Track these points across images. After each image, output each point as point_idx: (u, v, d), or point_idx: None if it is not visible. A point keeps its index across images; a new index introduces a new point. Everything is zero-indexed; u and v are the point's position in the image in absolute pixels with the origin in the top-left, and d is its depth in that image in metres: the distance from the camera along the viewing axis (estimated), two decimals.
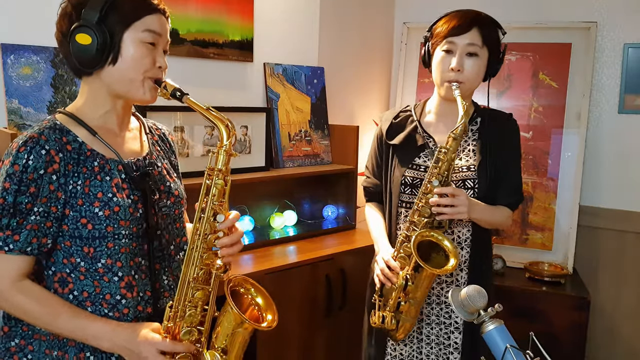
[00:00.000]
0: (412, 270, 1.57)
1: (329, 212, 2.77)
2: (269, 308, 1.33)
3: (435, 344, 1.74)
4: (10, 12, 1.84)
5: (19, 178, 1.09)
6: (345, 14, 2.98)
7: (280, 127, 2.62)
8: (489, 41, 1.67)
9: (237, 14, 2.46)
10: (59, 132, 1.16)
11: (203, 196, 1.22)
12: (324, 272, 2.27)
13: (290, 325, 2.17)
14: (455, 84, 1.63)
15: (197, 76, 2.37)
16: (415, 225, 1.62)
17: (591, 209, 2.80)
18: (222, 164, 1.22)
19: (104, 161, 1.19)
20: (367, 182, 1.91)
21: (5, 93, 1.80)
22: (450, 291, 1.24)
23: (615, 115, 2.77)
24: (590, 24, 2.73)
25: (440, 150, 1.59)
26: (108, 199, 1.16)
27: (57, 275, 1.17)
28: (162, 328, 1.20)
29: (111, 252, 1.18)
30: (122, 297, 1.19)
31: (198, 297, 1.23)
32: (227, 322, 1.27)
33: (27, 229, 1.11)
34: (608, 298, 2.83)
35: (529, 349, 1.10)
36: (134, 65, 1.18)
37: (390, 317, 1.60)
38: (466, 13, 1.68)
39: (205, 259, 1.22)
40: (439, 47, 1.68)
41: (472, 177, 1.68)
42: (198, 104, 1.22)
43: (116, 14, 1.15)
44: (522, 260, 2.78)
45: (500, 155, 1.70)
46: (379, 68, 3.25)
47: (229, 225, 1.23)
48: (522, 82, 2.83)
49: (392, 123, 1.81)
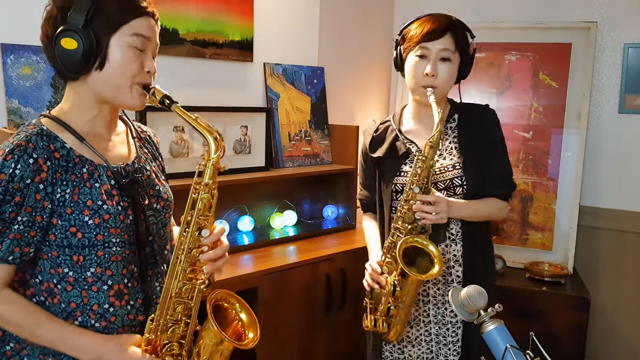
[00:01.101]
0: (399, 276, 1.60)
1: (329, 212, 2.77)
2: (251, 325, 1.31)
3: (435, 342, 1.75)
4: (10, 12, 1.84)
5: (5, 187, 1.06)
6: (345, 13, 2.98)
7: (280, 127, 2.62)
8: (461, 46, 1.69)
9: (237, 14, 2.46)
10: (46, 138, 1.12)
11: (188, 209, 1.19)
12: (324, 272, 2.27)
13: (290, 325, 2.17)
14: (429, 90, 1.65)
15: (197, 76, 2.37)
16: (400, 231, 1.64)
17: (591, 209, 2.80)
18: (208, 178, 1.18)
19: (92, 167, 1.16)
20: (361, 194, 1.96)
21: (5, 93, 1.80)
22: (450, 291, 1.24)
23: (615, 115, 2.77)
24: (590, 24, 2.73)
25: (419, 158, 1.62)
26: (98, 207, 1.14)
27: (44, 285, 1.15)
28: (143, 340, 1.18)
29: (101, 260, 1.15)
30: (111, 305, 1.17)
31: (179, 311, 1.20)
32: (208, 337, 1.24)
33: (9, 238, 1.08)
34: (608, 298, 2.83)
35: (529, 349, 1.10)
36: (121, 71, 1.14)
37: (382, 321, 1.64)
38: (439, 18, 1.70)
39: (189, 273, 1.20)
40: (412, 52, 1.70)
41: (459, 175, 1.69)
42: (187, 114, 1.18)
43: (103, 17, 1.11)
44: (522, 260, 2.78)
45: (483, 148, 1.72)
46: (379, 68, 3.25)
47: (213, 240, 1.20)
48: (522, 82, 2.83)
49: (374, 136, 1.85)
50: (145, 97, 1.19)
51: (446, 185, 1.69)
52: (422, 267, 1.62)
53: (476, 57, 1.90)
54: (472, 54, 1.74)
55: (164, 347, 1.20)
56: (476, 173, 1.69)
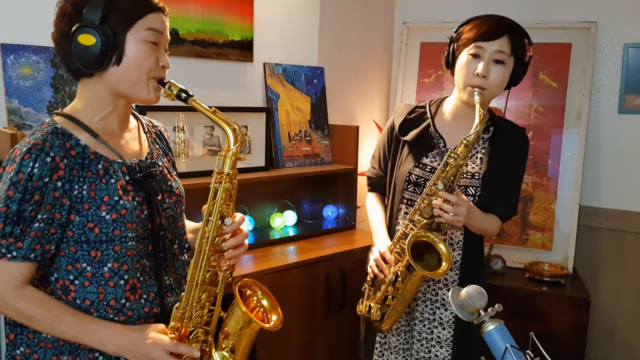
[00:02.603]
0: (404, 268, 1.58)
1: (329, 212, 2.77)
2: (273, 310, 1.35)
3: (417, 340, 1.76)
4: (10, 12, 1.84)
5: (24, 186, 1.08)
6: (345, 14, 2.98)
7: (280, 127, 2.62)
8: (517, 51, 1.65)
9: (237, 14, 2.46)
10: (61, 136, 1.13)
11: (210, 199, 1.22)
12: (324, 272, 2.27)
13: (290, 325, 2.17)
14: (477, 90, 1.61)
15: (197, 76, 2.37)
16: (415, 224, 1.62)
17: (591, 209, 2.80)
18: (229, 168, 1.21)
19: (107, 163, 1.18)
20: (372, 172, 1.90)
21: (5, 93, 1.80)
22: (450, 291, 1.24)
23: (615, 115, 2.77)
24: (590, 24, 2.73)
25: (450, 155, 1.58)
26: (115, 202, 1.16)
27: (60, 283, 1.17)
28: (169, 329, 1.21)
29: (118, 255, 1.17)
30: (127, 300, 1.19)
31: (205, 299, 1.23)
32: (235, 321, 1.28)
33: (30, 236, 1.10)
34: (608, 298, 2.83)
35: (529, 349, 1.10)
36: (138, 65, 1.16)
37: (377, 309, 1.62)
38: (499, 19, 1.65)
39: (212, 261, 1.23)
40: (466, 49, 1.65)
41: (476, 185, 1.68)
42: (204, 107, 1.21)
43: (118, 13, 1.13)
44: (522, 260, 2.78)
45: (506, 168, 1.70)
46: (379, 68, 3.25)
47: (235, 228, 1.24)
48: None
49: (407, 118, 1.80)
50: (160, 91, 1.21)
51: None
52: (428, 263, 1.60)
53: None
54: (528, 61, 1.70)
55: (190, 335, 1.22)
56: (491, 189, 1.68)
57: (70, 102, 1.91)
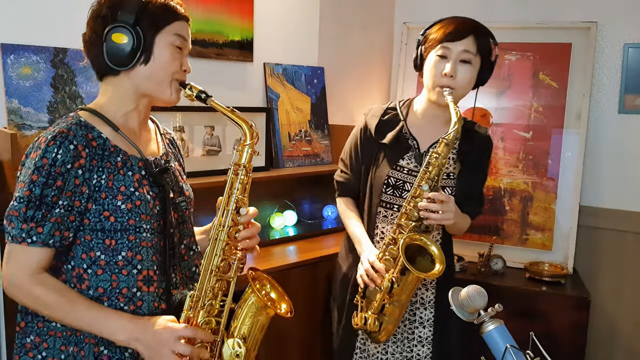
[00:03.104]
0: (398, 274, 1.58)
1: (329, 212, 2.77)
2: (282, 300, 1.41)
3: (399, 340, 1.78)
4: (10, 12, 1.84)
5: (48, 171, 1.12)
6: (345, 13, 2.98)
7: (280, 127, 2.62)
8: (483, 50, 1.69)
9: (237, 14, 2.46)
10: (84, 128, 1.19)
11: (228, 189, 1.29)
12: (324, 271, 2.27)
13: (290, 325, 2.17)
14: (447, 90, 1.64)
15: (197, 76, 2.34)
16: (403, 228, 1.63)
17: (591, 209, 2.80)
18: (246, 160, 1.29)
19: (126, 157, 1.23)
20: (342, 176, 1.90)
21: (5, 93, 1.80)
22: (450, 291, 1.24)
23: (615, 115, 2.77)
24: (590, 24, 2.73)
25: (432, 154, 1.60)
26: (130, 193, 1.21)
27: (75, 271, 1.20)
28: (182, 317, 1.24)
29: (132, 244, 1.21)
30: (139, 289, 1.22)
31: (218, 287, 1.27)
32: (248, 309, 1.32)
33: (51, 222, 1.13)
34: (608, 298, 2.83)
35: (529, 349, 1.10)
36: (164, 66, 1.24)
37: (373, 319, 1.61)
38: (463, 20, 1.69)
39: (227, 249, 1.28)
40: (433, 51, 1.69)
41: (452, 185, 1.73)
42: (222, 106, 1.30)
43: (149, 17, 1.22)
44: (522, 260, 2.77)
45: (475, 167, 1.78)
46: (379, 68, 3.25)
47: (249, 219, 1.32)
48: (522, 82, 2.83)
49: (381, 120, 1.81)
50: (180, 92, 1.30)
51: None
52: (421, 266, 1.60)
53: None
54: (494, 61, 1.74)
55: (202, 324, 1.25)
56: (463, 188, 1.74)
57: (70, 102, 1.92)
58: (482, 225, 2.84)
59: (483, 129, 1.84)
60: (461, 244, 2.82)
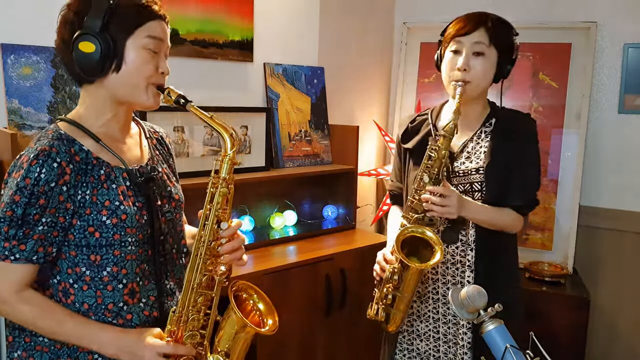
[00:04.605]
0: (399, 265, 1.59)
1: (329, 212, 2.77)
2: (270, 314, 1.36)
3: (442, 341, 1.75)
4: (10, 12, 1.84)
5: (30, 191, 1.09)
6: (345, 13, 2.98)
7: (280, 127, 2.62)
8: (497, 41, 1.64)
9: (237, 14, 2.46)
10: (66, 142, 1.15)
11: (207, 203, 1.24)
12: (324, 272, 2.27)
13: (290, 325, 2.17)
14: (459, 83, 1.61)
15: (197, 76, 2.37)
16: (408, 221, 1.63)
17: (591, 209, 2.80)
18: (226, 172, 1.23)
19: (109, 169, 1.19)
20: (392, 185, 1.92)
21: (5, 93, 1.80)
22: (450, 291, 1.25)
23: (615, 115, 2.77)
24: (590, 24, 2.73)
25: (432, 148, 1.60)
26: (115, 207, 1.17)
27: (62, 285, 1.18)
28: (166, 332, 1.22)
29: (117, 259, 1.18)
30: (125, 303, 1.20)
31: (201, 302, 1.24)
32: (230, 326, 1.28)
33: (33, 239, 1.11)
34: (608, 298, 2.83)
35: (529, 349, 1.10)
36: (137, 72, 1.18)
37: (381, 309, 1.62)
38: (474, 14, 1.68)
39: (208, 265, 1.24)
40: (448, 48, 1.67)
41: (480, 180, 1.65)
42: (202, 112, 1.23)
43: (118, 21, 1.15)
44: (522, 260, 2.74)
45: (512, 157, 1.65)
46: (379, 68, 3.25)
47: (231, 233, 1.25)
48: (522, 82, 2.83)
49: (408, 127, 1.82)
50: (160, 97, 1.23)
51: (465, 189, 1.66)
52: (425, 258, 1.60)
53: None
54: (514, 51, 1.69)
55: (186, 337, 1.23)
56: (498, 181, 1.64)
57: (70, 102, 1.92)
58: None
59: (520, 113, 1.73)
60: None
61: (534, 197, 1.69)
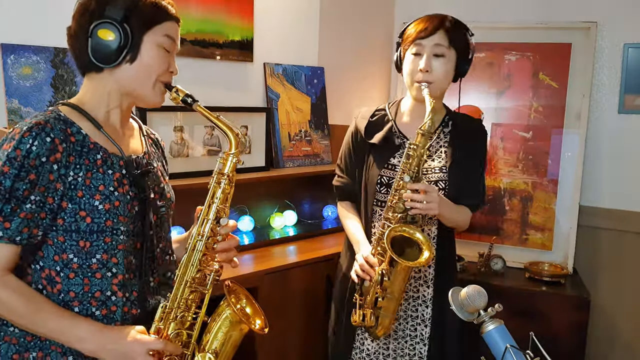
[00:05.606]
0: (387, 265, 1.60)
1: (329, 212, 2.77)
2: (256, 315, 1.36)
3: (401, 337, 1.78)
4: (10, 12, 1.84)
5: (20, 163, 1.06)
6: (345, 13, 2.98)
7: (280, 127, 2.62)
8: (456, 42, 1.72)
9: (237, 14, 2.46)
10: (63, 123, 1.14)
11: (209, 199, 1.25)
12: (324, 272, 2.27)
13: (290, 325, 2.17)
14: (424, 84, 1.68)
15: (197, 76, 2.37)
16: (390, 221, 1.65)
17: (591, 209, 2.80)
18: (229, 170, 1.25)
19: (106, 155, 1.19)
20: (340, 181, 1.93)
21: (5, 93, 1.80)
22: (450, 291, 1.25)
23: (615, 115, 2.77)
24: (590, 24, 2.73)
25: (410, 146, 1.63)
26: (109, 193, 1.16)
27: (45, 272, 1.15)
28: (152, 329, 1.20)
29: (108, 247, 1.16)
30: (113, 294, 1.18)
31: (192, 299, 1.24)
32: (222, 323, 1.28)
33: (20, 217, 1.07)
34: (608, 298, 2.83)
35: (529, 349, 1.10)
36: (150, 67, 1.20)
37: (370, 314, 1.63)
38: (433, 17, 1.74)
39: (204, 261, 1.24)
40: (409, 50, 1.73)
41: (444, 179, 1.74)
42: (209, 112, 1.25)
43: (139, 15, 1.17)
44: (522, 260, 2.77)
45: (468, 160, 1.77)
46: (378, 68, 3.25)
47: (228, 231, 1.27)
48: (522, 82, 2.83)
49: (370, 121, 1.86)
50: (164, 95, 1.25)
51: None
52: (410, 256, 1.62)
53: (476, 57, 1.91)
54: (470, 52, 1.76)
55: (171, 336, 1.22)
56: (457, 180, 1.74)
57: None
58: (482, 225, 2.84)
59: (474, 120, 1.87)
60: (461, 243, 2.80)
61: (484, 198, 1.85)
